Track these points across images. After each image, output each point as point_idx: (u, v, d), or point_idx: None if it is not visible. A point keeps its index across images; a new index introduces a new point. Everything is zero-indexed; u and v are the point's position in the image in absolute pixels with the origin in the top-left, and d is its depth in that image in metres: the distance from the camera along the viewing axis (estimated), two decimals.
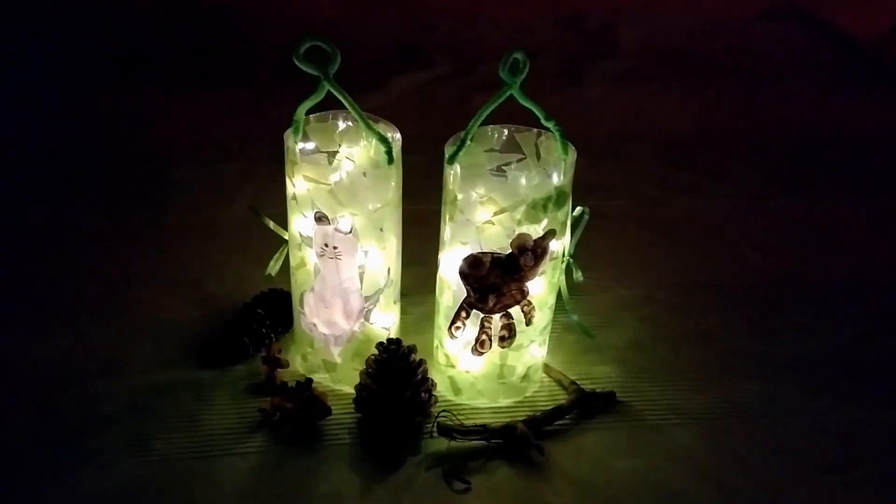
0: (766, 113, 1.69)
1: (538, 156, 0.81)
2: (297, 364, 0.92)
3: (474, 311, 0.81)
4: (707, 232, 1.26)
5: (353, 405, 0.84)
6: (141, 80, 1.71)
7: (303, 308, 0.87)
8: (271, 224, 0.90)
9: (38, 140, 1.45)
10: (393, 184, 0.80)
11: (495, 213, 0.76)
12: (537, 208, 0.76)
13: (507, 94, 0.75)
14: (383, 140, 0.77)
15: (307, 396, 0.83)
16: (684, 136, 1.56)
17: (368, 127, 0.77)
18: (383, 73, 1.72)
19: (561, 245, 0.82)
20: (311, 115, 0.81)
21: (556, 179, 0.79)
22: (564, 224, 0.81)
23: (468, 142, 0.78)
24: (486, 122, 0.79)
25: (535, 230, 0.77)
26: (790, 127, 1.62)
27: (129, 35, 1.92)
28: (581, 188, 0.82)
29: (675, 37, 2.03)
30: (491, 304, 0.80)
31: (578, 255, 0.88)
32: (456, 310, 0.82)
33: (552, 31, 2.01)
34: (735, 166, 1.47)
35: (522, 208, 0.76)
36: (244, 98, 1.63)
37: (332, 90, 0.75)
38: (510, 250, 0.77)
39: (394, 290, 0.87)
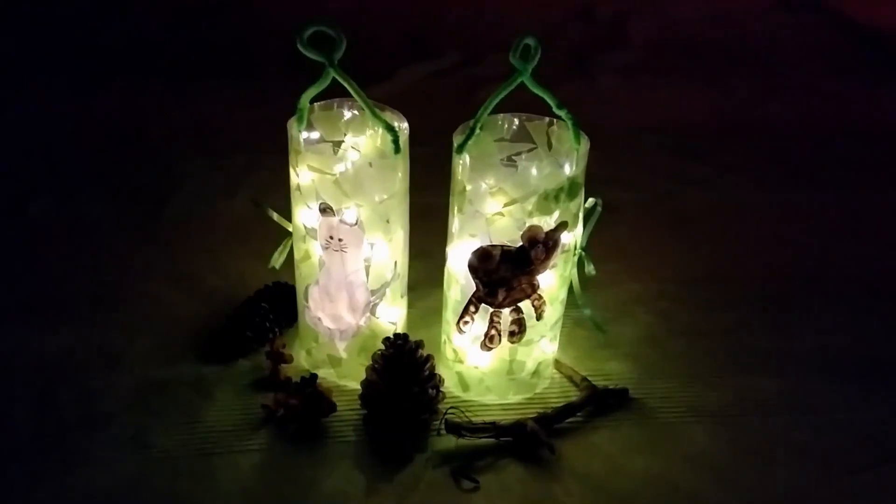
0: (780, 104, 1.67)
1: (550, 145, 0.80)
2: (301, 359, 0.92)
3: (483, 305, 0.80)
4: (722, 225, 1.25)
5: (358, 401, 0.83)
6: (144, 72, 1.70)
7: (307, 302, 0.86)
8: (275, 216, 0.88)
9: (40, 132, 1.44)
10: (400, 174, 0.78)
11: (505, 205, 0.75)
12: (549, 199, 0.74)
13: (518, 80, 0.74)
14: (390, 129, 0.75)
15: (312, 392, 0.83)
16: (698, 128, 1.55)
17: (374, 115, 0.75)
18: (391, 63, 1.71)
19: (573, 237, 0.81)
20: (315, 104, 0.79)
21: (569, 169, 0.77)
22: (577, 216, 0.79)
23: (477, 131, 0.76)
24: (496, 111, 0.77)
25: (547, 222, 0.76)
26: (805, 119, 1.60)
27: (132, 26, 1.91)
28: (593, 180, 0.80)
29: (688, 27, 2.00)
30: (500, 298, 0.78)
31: (591, 247, 0.86)
32: (464, 304, 0.80)
33: (562, 22, 1.99)
34: (749, 158, 1.45)
35: (533, 199, 0.74)
36: (249, 90, 1.62)
37: (337, 77, 0.74)
38: (521, 243, 0.75)
39: (400, 284, 0.86)
